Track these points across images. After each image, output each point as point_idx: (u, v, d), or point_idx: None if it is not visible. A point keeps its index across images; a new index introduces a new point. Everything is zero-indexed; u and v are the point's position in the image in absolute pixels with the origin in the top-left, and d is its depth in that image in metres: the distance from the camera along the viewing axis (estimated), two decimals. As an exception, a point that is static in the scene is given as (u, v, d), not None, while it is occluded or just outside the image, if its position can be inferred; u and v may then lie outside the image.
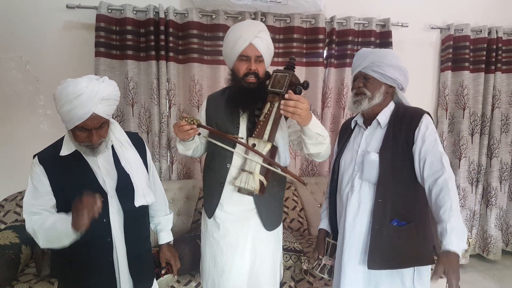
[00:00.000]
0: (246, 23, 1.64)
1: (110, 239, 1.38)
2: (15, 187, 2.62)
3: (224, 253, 1.64)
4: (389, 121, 1.52)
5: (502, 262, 3.39)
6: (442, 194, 1.33)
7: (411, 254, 1.45)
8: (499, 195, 3.38)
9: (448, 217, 1.29)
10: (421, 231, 1.47)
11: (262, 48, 1.55)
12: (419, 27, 3.25)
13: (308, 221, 2.89)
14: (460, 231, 1.29)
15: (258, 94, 1.56)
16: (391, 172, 1.46)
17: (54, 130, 2.77)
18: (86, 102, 1.22)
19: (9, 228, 2.29)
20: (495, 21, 3.29)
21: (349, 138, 1.66)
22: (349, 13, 3.01)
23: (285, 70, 1.54)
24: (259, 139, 1.49)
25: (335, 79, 3.07)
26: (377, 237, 1.45)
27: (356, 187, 1.53)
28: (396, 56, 1.56)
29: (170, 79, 2.78)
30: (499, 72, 3.26)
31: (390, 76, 1.51)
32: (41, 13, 2.70)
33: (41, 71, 2.75)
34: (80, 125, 1.26)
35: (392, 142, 1.48)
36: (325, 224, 1.76)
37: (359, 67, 1.55)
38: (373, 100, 1.51)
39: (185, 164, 2.98)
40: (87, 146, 1.32)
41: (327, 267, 1.71)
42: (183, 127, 1.49)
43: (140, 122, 2.84)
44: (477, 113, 3.28)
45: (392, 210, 1.45)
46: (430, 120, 1.47)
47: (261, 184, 1.46)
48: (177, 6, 2.83)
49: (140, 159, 1.48)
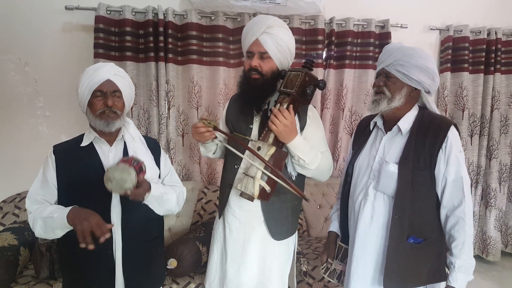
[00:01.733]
0: (257, 18, 1.54)
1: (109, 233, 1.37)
2: (14, 188, 2.62)
3: (229, 257, 1.61)
4: (411, 128, 1.41)
5: (502, 263, 3.39)
6: (457, 228, 1.32)
7: (426, 272, 1.40)
8: (499, 196, 3.37)
9: (459, 253, 1.32)
10: (436, 247, 1.41)
11: (269, 44, 1.47)
12: (418, 28, 3.26)
13: (307, 223, 2.88)
14: (468, 267, 1.32)
15: (264, 91, 1.51)
16: (410, 186, 1.35)
17: (53, 131, 2.76)
18: (103, 72, 1.39)
19: (8, 230, 2.29)
20: (494, 22, 3.29)
21: (366, 140, 1.55)
22: (348, 14, 3.01)
23: (299, 69, 1.45)
24: (264, 142, 1.41)
25: (334, 80, 3.07)
26: (394, 255, 1.37)
27: (370, 196, 1.43)
28: (425, 56, 1.40)
29: (169, 80, 2.78)
30: (498, 73, 3.26)
31: (414, 78, 1.37)
32: (40, 14, 2.70)
33: (40, 72, 2.75)
34: (97, 89, 1.37)
35: (413, 154, 1.37)
36: (335, 227, 1.67)
37: (383, 63, 1.42)
38: (392, 101, 1.39)
39: (184, 165, 2.98)
40: (102, 115, 1.38)
41: (337, 272, 1.62)
42: (199, 129, 1.48)
43: (139, 124, 2.84)
44: (476, 114, 3.28)
45: (410, 226, 1.36)
46: (456, 134, 1.37)
47: (261, 189, 1.38)
48: (176, 7, 2.83)
49: (152, 156, 1.51)
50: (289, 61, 1.57)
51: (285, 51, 1.52)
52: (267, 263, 1.58)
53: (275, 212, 1.55)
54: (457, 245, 1.32)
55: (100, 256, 1.38)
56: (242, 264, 1.58)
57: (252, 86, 1.51)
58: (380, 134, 1.50)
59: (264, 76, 1.50)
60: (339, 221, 1.65)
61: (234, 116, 1.63)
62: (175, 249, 2.11)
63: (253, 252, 1.57)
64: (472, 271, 1.33)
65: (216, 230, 1.70)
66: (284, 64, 1.54)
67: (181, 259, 2.09)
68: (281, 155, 1.41)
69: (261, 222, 1.56)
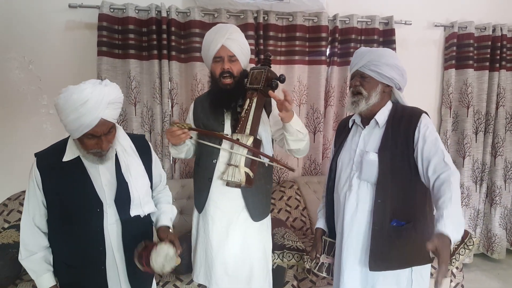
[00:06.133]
0: (218, 27, 1.72)
1: (102, 248, 1.36)
2: (18, 186, 2.63)
3: (214, 246, 1.70)
4: (387, 120, 1.52)
5: (507, 261, 3.37)
6: (443, 187, 1.31)
7: (410, 254, 1.45)
8: (504, 194, 3.35)
9: (445, 205, 1.24)
10: (420, 230, 1.46)
11: (234, 48, 1.63)
12: (423, 25, 3.23)
13: (310, 220, 2.88)
14: (456, 221, 1.22)
15: (236, 93, 1.66)
16: (390, 172, 1.45)
17: (57, 129, 2.77)
18: (93, 108, 1.18)
19: (13, 227, 2.30)
20: (499, 19, 3.26)
21: (346, 137, 1.66)
22: (352, 11, 3.00)
23: (261, 67, 1.62)
24: (242, 134, 1.56)
25: (337, 78, 3.05)
26: (378, 238, 1.45)
27: (354, 186, 1.52)
28: (394, 56, 1.55)
29: (172, 78, 2.78)
30: (503, 70, 3.24)
31: (387, 75, 1.50)
32: (43, 13, 2.70)
33: (44, 70, 2.76)
34: (89, 133, 1.22)
35: (391, 142, 1.47)
36: (321, 223, 1.75)
37: (356, 65, 1.54)
38: (369, 99, 1.51)
39: (187, 163, 2.98)
40: (95, 153, 1.28)
41: (325, 265, 1.72)
42: (175, 132, 1.57)
43: (143, 121, 2.85)
44: (481, 112, 3.26)
45: (392, 210, 1.45)
46: (428, 119, 1.47)
47: (247, 175, 1.54)
48: (179, 5, 2.83)
49: (143, 166, 1.44)
50: (248, 61, 1.76)
51: (247, 53, 1.72)
52: (251, 244, 1.72)
53: (253, 196, 1.69)
54: (444, 200, 1.26)
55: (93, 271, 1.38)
56: (227, 250, 1.70)
57: (225, 89, 1.66)
58: (359, 130, 1.61)
59: (235, 78, 1.66)
60: (326, 217, 1.73)
61: (203, 116, 1.76)
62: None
63: (237, 236, 1.70)
64: (462, 230, 1.23)
65: (197, 226, 1.80)
66: (245, 64, 1.73)
67: (183, 255, 2.09)
68: (257, 143, 1.60)
69: (243, 207, 1.69)
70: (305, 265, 2.21)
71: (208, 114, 1.74)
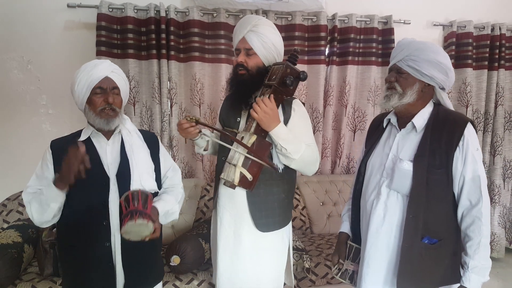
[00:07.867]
0: (244, 18, 1.63)
1: (106, 223, 1.39)
2: (17, 186, 2.62)
3: (220, 250, 1.64)
4: (426, 125, 1.36)
5: (506, 260, 3.37)
6: (473, 228, 1.29)
7: (440, 272, 1.36)
8: (503, 193, 3.36)
9: (473, 253, 1.29)
10: (451, 248, 1.36)
11: (254, 41, 1.54)
12: (422, 24, 3.24)
13: (310, 220, 2.88)
14: (482, 269, 1.29)
15: (250, 86, 1.57)
16: (425, 185, 1.31)
17: (56, 129, 2.78)
18: (101, 69, 1.40)
19: (12, 227, 2.30)
20: (498, 18, 3.26)
21: (379, 138, 1.51)
22: (351, 10, 3.00)
23: (281, 62, 1.53)
24: (246, 132, 1.49)
25: (337, 77, 3.05)
26: (407, 256, 1.33)
27: (383, 195, 1.39)
28: (436, 51, 1.35)
29: (171, 77, 2.78)
30: (502, 69, 3.24)
31: (426, 73, 1.33)
32: (42, 12, 2.70)
33: (43, 70, 2.75)
34: (97, 85, 1.38)
35: (428, 151, 1.32)
36: (346, 228, 1.63)
37: (394, 59, 1.39)
38: (404, 97, 1.35)
39: (187, 163, 2.98)
40: (103, 114, 1.39)
41: (349, 272, 1.57)
42: (183, 125, 1.56)
43: (142, 121, 2.85)
44: (480, 111, 3.26)
45: (424, 226, 1.32)
46: (473, 132, 1.33)
47: (242, 176, 1.42)
48: (178, 4, 2.83)
49: (147, 150, 1.51)
50: (275, 58, 1.61)
51: (270, 47, 1.58)
52: (260, 255, 1.61)
53: (260, 203, 1.58)
54: (472, 245, 1.29)
55: (98, 248, 1.39)
56: (234, 255, 1.62)
57: (239, 81, 1.58)
58: (394, 132, 1.46)
59: (249, 71, 1.56)
60: (350, 221, 1.61)
61: (225, 112, 1.72)
62: (178, 246, 2.11)
63: (245, 244, 1.60)
64: (488, 273, 1.29)
65: (212, 223, 1.78)
66: (270, 60, 1.60)
67: (184, 256, 2.09)
68: (264, 144, 1.46)
69: (247, 212, 1.60)
70: (304, 264, 2.21)
71: (228, 111, 1.69)
